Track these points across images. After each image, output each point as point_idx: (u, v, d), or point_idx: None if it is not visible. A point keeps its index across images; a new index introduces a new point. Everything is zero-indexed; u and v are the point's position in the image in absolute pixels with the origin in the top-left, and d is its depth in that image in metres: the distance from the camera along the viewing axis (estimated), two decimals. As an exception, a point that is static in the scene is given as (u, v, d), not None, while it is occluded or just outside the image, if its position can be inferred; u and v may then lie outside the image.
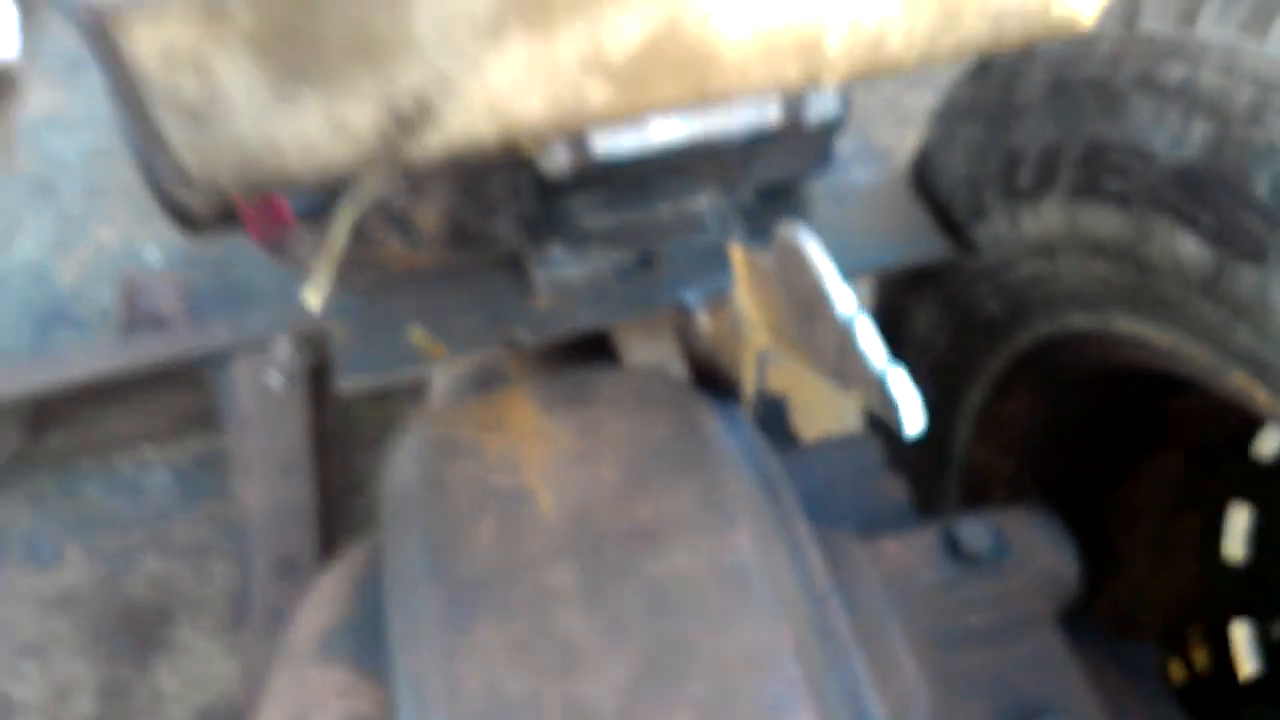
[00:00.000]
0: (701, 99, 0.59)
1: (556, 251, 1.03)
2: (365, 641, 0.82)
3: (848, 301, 0.67)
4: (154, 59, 0.50)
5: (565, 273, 1.05)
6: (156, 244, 2.65)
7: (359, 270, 1.00)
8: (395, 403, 2.27)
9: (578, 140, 0.90)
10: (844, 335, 0.66)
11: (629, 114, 0.59)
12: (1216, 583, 1.41)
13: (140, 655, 1.93)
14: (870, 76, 0.63)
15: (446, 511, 0.81)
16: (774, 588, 0.74)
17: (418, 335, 1.02)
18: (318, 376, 2.00)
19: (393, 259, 0.99)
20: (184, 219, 0.89)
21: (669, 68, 0.58)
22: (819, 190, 1.18)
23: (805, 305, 0.71)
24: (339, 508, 1.94)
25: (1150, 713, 0.94)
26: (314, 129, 0.55)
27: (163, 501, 2.14)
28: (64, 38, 3.21)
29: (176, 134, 0.53)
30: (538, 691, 0.70)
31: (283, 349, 1.97)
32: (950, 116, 1.15)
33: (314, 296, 0.75)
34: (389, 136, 0.56)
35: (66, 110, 3.05)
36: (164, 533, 2.11)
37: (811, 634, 0.73)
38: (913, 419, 0.62)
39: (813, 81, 0.61)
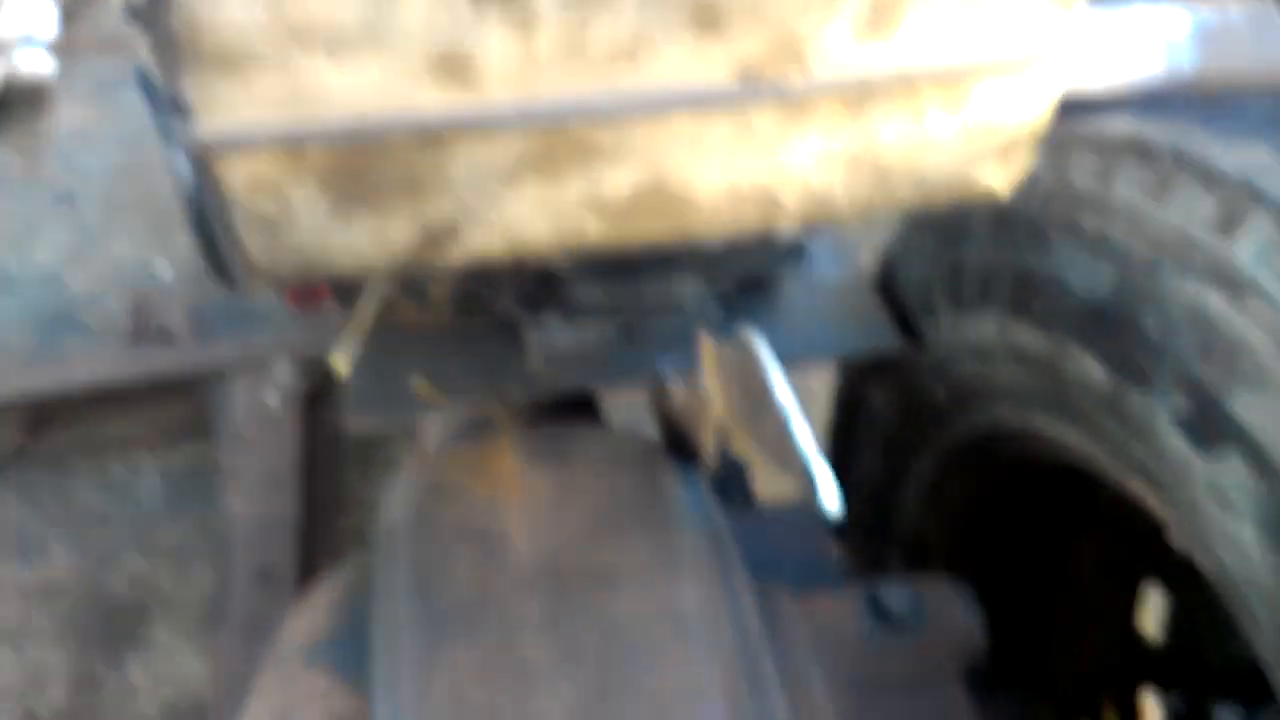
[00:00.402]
0: (679, 236, 0.73)
1: (549, 320, 1.16)
2: (347, 653, 0.93)
3: (788, 399, 0.81)
4: (243, 183, 0.64)
5: (556, 339, 1.17)
6: (168, 260, 2.72)
7: (373, 326, 1.13)
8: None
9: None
10: (783, 426, 0.79)
11: (618, 244, 0.72)
12: (1130, 654, 1.53)
13: (114, 649, 1.99)
14: (819, 224, 0.76)
15: (431, 546, 0.93)
16: (710, 632, 0.86)
17: (419, 384, 1.15)
18: (312, 399, 2.10)
19: (404, 318, 1.12)
20: (229, 281, 1.01)
21: (653, 211, 0.71)
22: (792, 282, 1.32)
23: (755, 396, 0.85)
24: (322, 525, 2.00)
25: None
26: (362, 241, 0.68)
27: (151, 505, 2.21)
28: (99, 60, 3.32)
29: (253, 240, 0.66)
30: (498, 705, 0.81)
31: (282, 370, 2.07)
32: (913, 227, 1.29)
33: (342, 363, 0.88)
34: (421, 248, 0.70)
35: (95, 128, 3.13)
36: (149, 534, 2.17)
37: (739, 675, 0.85)
38: (831, 502, 0.75)
39: (771, 227, 0.74)
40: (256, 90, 0.59)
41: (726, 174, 0.70)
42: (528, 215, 0.69)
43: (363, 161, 0.64)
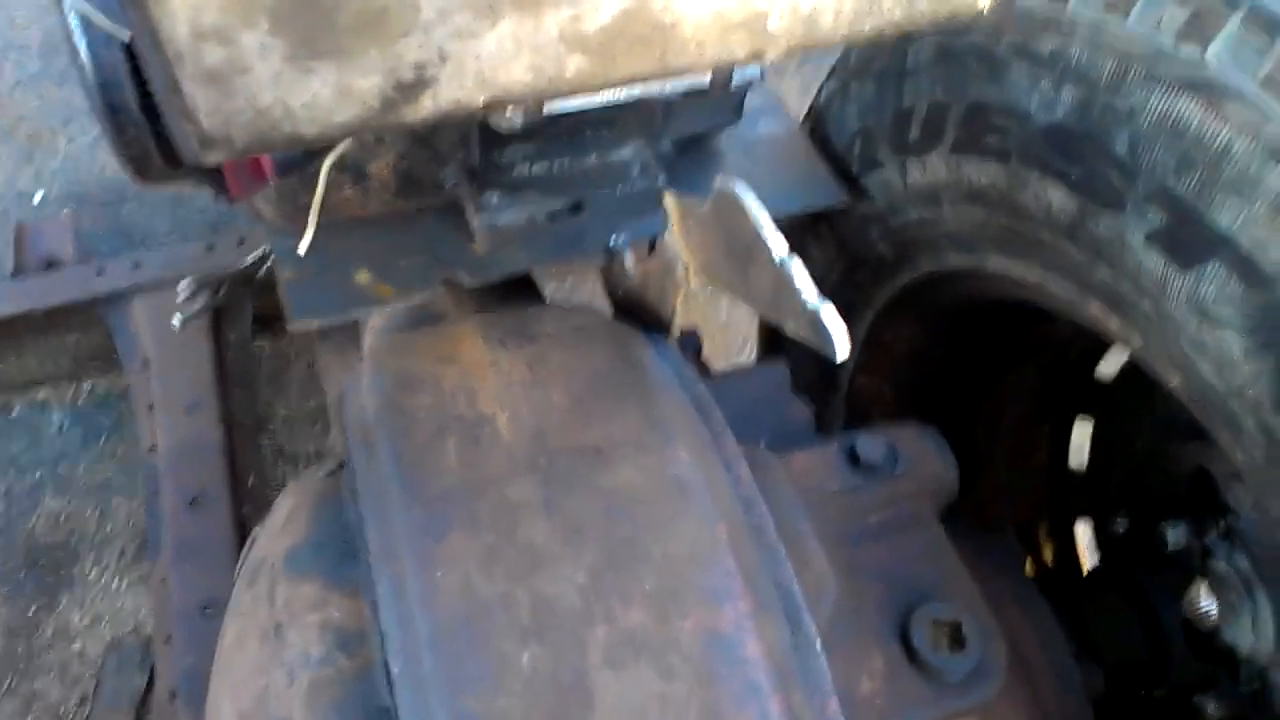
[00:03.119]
0: (663, 72, 0.68)
1: (494, 199, 1.09)
2: (334, 557, 0.88)
3: (781, 246, 0.77)
4: (184, 29, 0.56)
5: (502, 218, 1.11)
6: (40, 185, 2.56)
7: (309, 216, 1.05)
8: (293, 344, 2.29)
9: (535, 98, 0.96)
10: (779, 275, 0.76)
11: (600, 84, 0.67)
12: (1062, 487, 1.59)
13: (46, 593, 1.94)
14: (805, 51, 0.72)
15: (411, 437, 0.88)
16: (710, 494, 0.85)
17: (363, 277, 1.08)
18: (218, 317, 2.01)
19: (344, 206, 1.04)
20: (142, 168, 0.92)
21: (636, 43, 0.66)
22: (730, 141, 1.27)
23: (742, 249, 0.81)
24: (244, 445, 1.94)
25: (1013, 594, 1.10)
26: (324, 95, 0.61)
27: (61, 443, 2.14)
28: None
29: (200, 99, 0.59)
30: (509, 591, 0.78)
31: (185, 289, 1.96)
32: (845, 75, 1.25)
33: (303, 242, 0.80)
34: (390, 102, 0.63)
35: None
36: (64, 473, 2.10)
37: (743, 533, 0.84)
38: (842, 346, 0.73)
39: (756, 56, 0.70)
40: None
41: (712, -3, 0.65)
42: (505, 56, 0.63)
43: (322, -3, 0.56)
